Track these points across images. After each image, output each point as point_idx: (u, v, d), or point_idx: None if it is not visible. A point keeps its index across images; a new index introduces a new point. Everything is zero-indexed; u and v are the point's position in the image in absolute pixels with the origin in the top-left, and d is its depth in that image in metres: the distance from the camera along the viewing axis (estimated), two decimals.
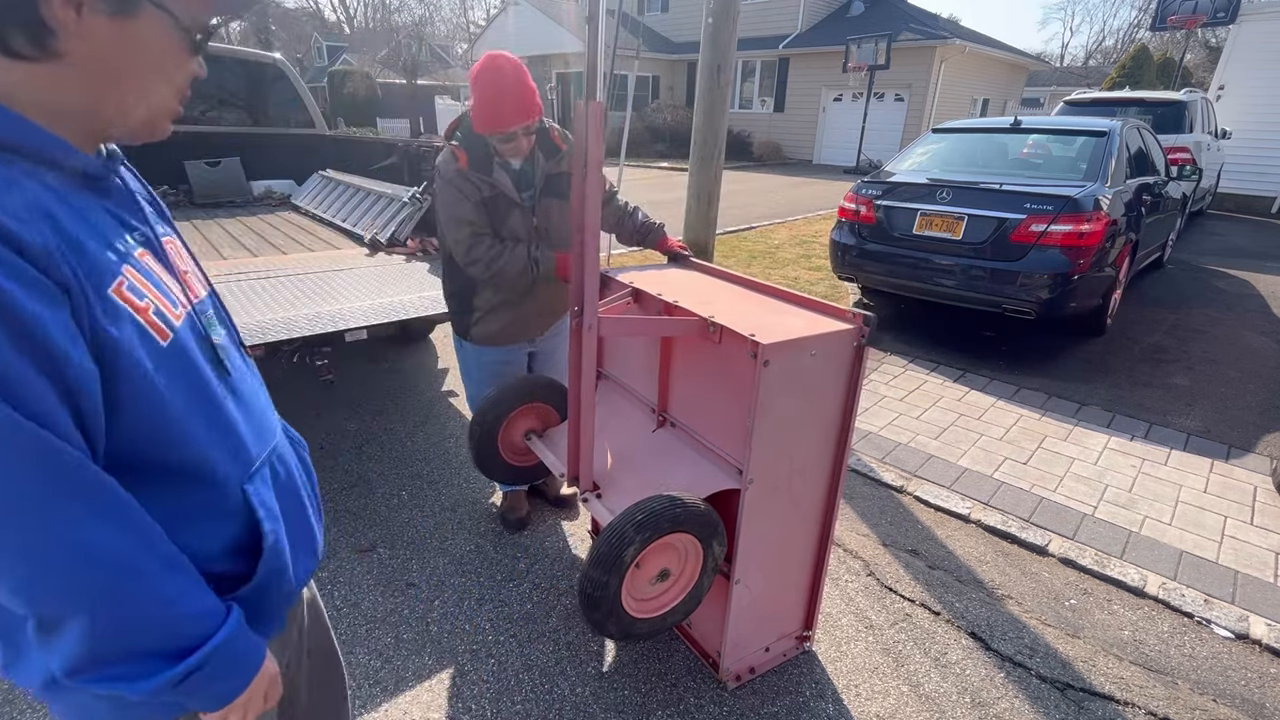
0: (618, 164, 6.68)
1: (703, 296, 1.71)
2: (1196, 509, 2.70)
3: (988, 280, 4.03)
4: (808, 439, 1.59)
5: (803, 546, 1.77)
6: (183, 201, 4.76)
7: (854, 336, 1.50)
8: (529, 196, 2.05)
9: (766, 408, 1.45)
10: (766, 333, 1.42)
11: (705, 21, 4.44)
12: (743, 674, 1.81)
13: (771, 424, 1.49)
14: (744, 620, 1.74)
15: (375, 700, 1.76)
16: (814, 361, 1.47)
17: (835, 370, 1.53)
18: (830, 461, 1.67)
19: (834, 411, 1.60)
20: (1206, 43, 21.46)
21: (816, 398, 1.55)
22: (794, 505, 1.67)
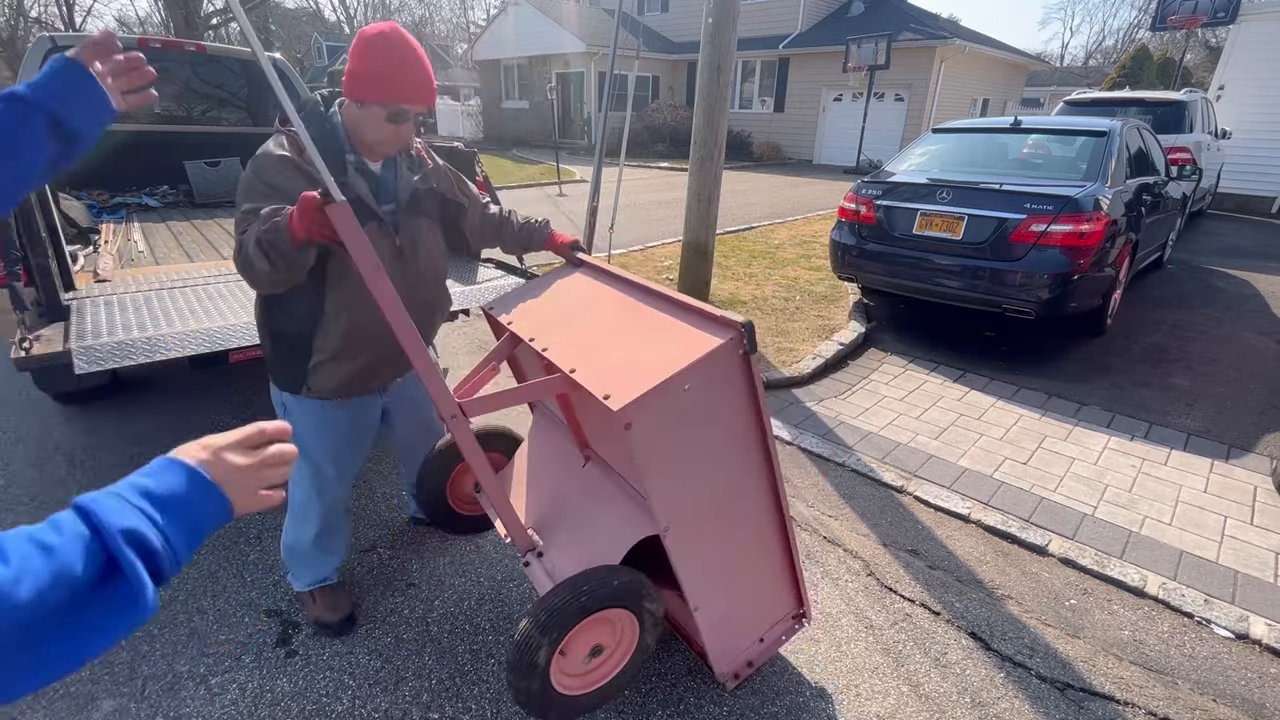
0: (618, 164, 6.69)
1: (578, 328, 1.54)
2: (1196, 509, 2.70)
3: (988, 280, 4.03)
4: (722, 461, 1.46)
5: (761, 547, 1.67)
6: (183, 201, 4.76)
7: (733, 350, 1.31)
8: (390, 211, 1.65)
9: (650, 462, 1.32)
10: (628, 380, 1.27)
11: (705, 21, 4.44)
12: (741, 671, 1.80)
13: (666, 470, 1.37)
14: (721, 632, 1.70)
15: (375, 700, 1.76)
16: (692, 394, 1.31)
17: (722, 390, 1.37)
18: (758, 466, 1.53)
19: (741, 424, 1.45)
20: (1206, 43, 21.48)
21: (711, 423, 1.40)
22: (733, 522, 1.56)
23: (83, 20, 24.58)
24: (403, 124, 1.53)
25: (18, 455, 2.87)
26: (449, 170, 1.86)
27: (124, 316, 2.35)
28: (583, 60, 19.45)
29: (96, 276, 2.79)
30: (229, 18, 18.19)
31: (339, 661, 1.87)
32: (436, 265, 1.80)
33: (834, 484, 2.85)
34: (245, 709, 1.72)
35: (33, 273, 2.23)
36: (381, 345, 1.69)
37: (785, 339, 4.39)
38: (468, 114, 24.94)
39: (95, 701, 1.72)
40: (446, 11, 44.56)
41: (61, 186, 4.09)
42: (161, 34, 19.75)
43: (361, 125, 1.54)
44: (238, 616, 2.02)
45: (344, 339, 1.64)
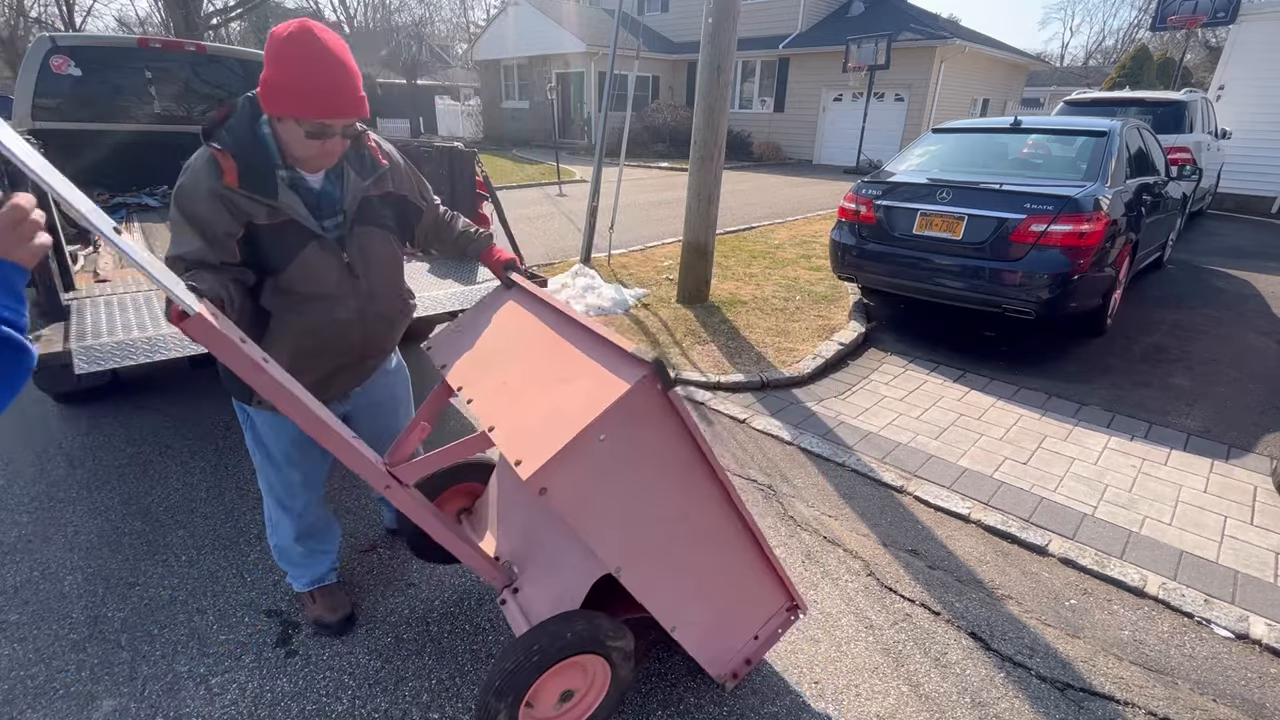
0: (618, 164, 6.68)
1: (503, 371, 1.47)
2: (1196, 509, 2.70)
3: (988, 280, 4.03)
4: (662, 495, 1.38)
5: (730, 558, 1.60)
6: None
7: (647, 390, 1.21)
8: (335, 226, 1.54)
9: (579, 517, 1.26)
10: (539, 440, 1.21)
11: (705, 21, 4.44)
12: (739, 670, 1.79)
13: (600, 520, 1.30)
14: (709, 641, 1.67)
15: (375, 700, 1.76)
16: (610, 442, 1.22)
17: (644, 430, 1.26)
18: (705, 490, 1.43)
19: (674, 457, 1.34)
20: (1206, 43, 21.48)
21: (640, 463, 1.30)
22: (693, 544, 1.49)
23: (83, 20, 24.59)
24: (327, 139, 1.39)
25: (18, 455, 2.87)
26: (409, 171, 1.75)
27: (124, 316, 2.35)
28: (583, 60, 19.45)
29: (96, 276, 2.79)
30: (229, 18, 18.18)
31: (339, 661, 1.87)
32: (393, 277, 1.72)
33: (834, 484, 2.85)
34: (245, 709, 1.72)
35: (33, 273, 2.23)
36: (330, 361, 1.65)
37: (785, 339, 4.39)
38: (468, 114, 24.95)
39: (95, 701, 1.72)
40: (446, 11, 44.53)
41: None
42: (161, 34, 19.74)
43: (286, 141, 1.41)
44: (238, 616, 2.02)
45: (290, 357, 1.55)
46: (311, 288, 1.54)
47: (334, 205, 1.54)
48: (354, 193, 1.55)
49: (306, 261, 1.50)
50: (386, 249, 1.67)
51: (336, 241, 1.54)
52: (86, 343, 2.09)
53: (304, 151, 1.42)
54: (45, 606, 2.03)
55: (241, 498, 2.61)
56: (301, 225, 1.46)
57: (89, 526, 2.42)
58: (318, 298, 1.55)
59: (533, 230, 8.00)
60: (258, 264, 1.47)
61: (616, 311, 4.88)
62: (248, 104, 1.44)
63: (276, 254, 1.47)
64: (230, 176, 1.37)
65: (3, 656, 1.84)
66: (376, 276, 1.65)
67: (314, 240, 1.49)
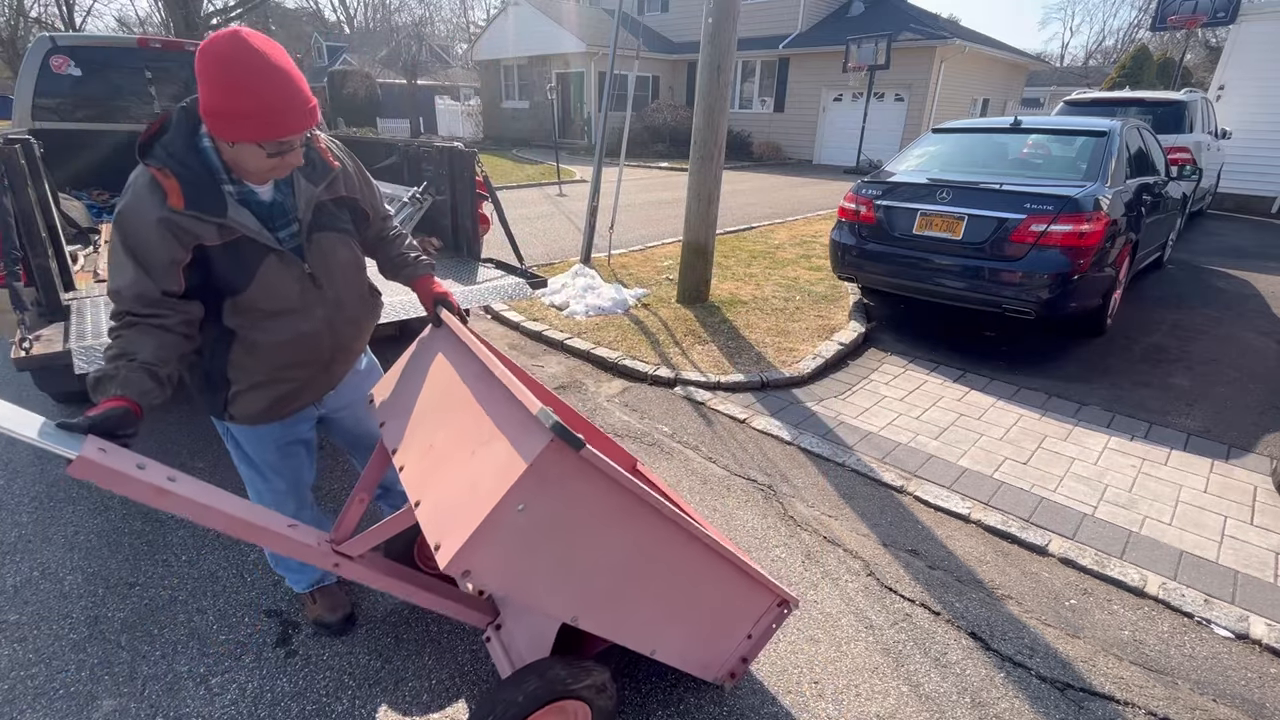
0: (618, 164, 6.68)
1: (432, 433, 1.39)
2: (1196, 509, 2.70)
3: (988, 280, 4.03)
4: (606, 541, 1.29)
5: (701, 574, 1.50)
6: None
7: (555, 455, 1.11)
8: (290, 236, 1.48)
9: (513, 588, 1.20)
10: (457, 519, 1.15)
11: (705, 21, 4.44)
12: (737, 669, 1.76)
13: (537, 583, 1.23)
14: (694, 652, 1.63)
15: (375, 700, 1.76)
16: (530, 511, 1.14)
17: (566, 488, 1.17)
18: (652, 524, 1.34)
19: (607, 504, 1.25)
20: (1206, 43, 21.48)
21: (572, 521, 1.21)
22: (654, 573, 1.41)
23: (83, 20, 24.60)
24: (288, 154, 1.34)
25: (18, 455, 2.87)
26: (359, 173, 1.67)
27: None
28: (583, 60, 19.45)
29: (96, 276, 2.80)
30: (229, 17, 18.19)
31: (339, 661, 1.87)
32: (357, 280, 1.66)
33: (834, 484, 2.85)
34: (245, 709, 1.72)
35: (33, 273, 2.23)
36: (301, 372, 1.59)
37: (785, 339, 4.39)
38: (468, 114, 24.96)
39: (95, 701, 1.72)
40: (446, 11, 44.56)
41: (61, 186, 4.09)
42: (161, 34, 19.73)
43: (238, 160, 1.33)
44: (238, 616, 2.02)
45: (257, 372, 1.53)
46: (275, 304, 1.46)
47: (286, 215, 1.47)
48: (306, 199, 1.48)
49: (266, 277, 1.42)
50: (348, 253, 1.61)
51: (295, 252, 1.47)
52: (86, 343, 2.09)
53: (260, 166, 1.34)
54: (45, 606, 2.03)
55: (241, 498, 2.60)
56: (255, 241, 1.38)
57: (89, 526, 2.42)
58: (283, 313, 1.49)
59: (533, 230, 8.01)
60: (214, 286, 1.39)
61: (616, 311, 4.88)
62: (183, 115, 1.33)
63: (234, 274, 1.39)
64: (174, 198, 1.28)
65: (3, 656, 1.84)
66: (340, 283, 1.59)
67: (271, 254, 1.42)
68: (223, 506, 1.28)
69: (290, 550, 1.40)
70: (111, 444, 1.14)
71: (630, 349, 4.20)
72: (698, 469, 2.94)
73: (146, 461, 1.19)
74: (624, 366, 3.95)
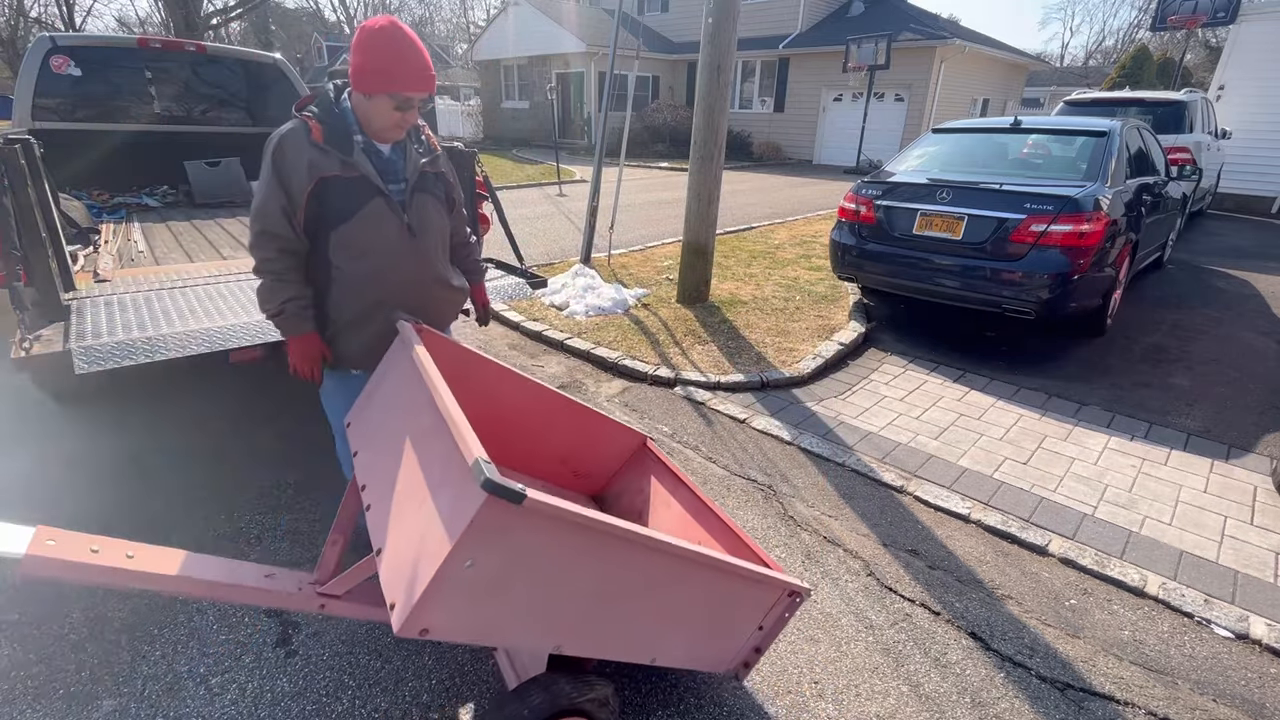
0: (618, 164, 6.68)
1: (393, 466, 1.38)
2: (1196, 509, 2.70)
3: (988, 280, 4.03)
4: (578, 573, 1.24)
5: (688, 589, 1.44)
6: (183, 201, 4.77)
7: (495, 511, 1.06)
8: (398, 191, 1.78)
9: (481, 635, 1.18)
10: (410, 576, 1.12)
11: (705, 21, 4.44)
12: (750, 659, 1.72)
13: (508, 626, 1.19)
14: (700, 654, 1.60)
15: (375, 700, 1.76)
16: (481, 564, 1.10)
17: (515, 538, 1.12)
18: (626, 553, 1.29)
19: (569, 545, 1.19)
20: (1206, 43, 21.48)
21: (531, 560, 1.16)
22: (635, 595, 1.36)
23: (83, 20, 24.58)
24: (408, 110, 1.67)
25: (18, 455, 2.87)
26: (450, 169, 1.96)
27: (124, 316, 2.35)
28: (583, 60, 19.45)
29: (96, 276, 2.79)
30: (229, 18, 18.18)
31: (339, 661, 1.87)
32: (443, 243, 1.93)
33: (834, 484, 2.85)
34: (245, 709, 1.72)
35: (33, 273, 2.23)
36: (424, 290, 1.87)
37: (785, 339, 4.39)
38: (468, 114, 24.93)
39: (95, 701, 1.72)
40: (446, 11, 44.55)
41: (62, 186, 4.09)
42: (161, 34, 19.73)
43: (369, 114, 1.68)
44: (238, 616, 2.02)
45: (351, 309, 1.77)
46: (374, 242, 1.74)
47: (397, 173, 1.78)
48: (414, 165, 1.80)
49: (370, 214, 1.72)
50: (439, 219, 1.88)
51: (401, 204, 1.78)
52: (86, 343, 2.09)
53: (385, 122, 1.68)
54: (45, 606, 2.03)
55: (241, 498, 2.61)
56: (369, 181, 1.70)
57: (89, 526, 2.42)
58: (379, 252, 1.76)
59: (533, 230, 8.00)
60: (326, 217, 1.69)
61: (616, 311, 4.88)
62: (329, 91, 1.74)
63: (345, 204, 1.68)
64: (316, 134, 1.65)
65: (3, 656, 1.84)
66: (430, 241, 1.85)
67: (379, 196, 1.72)
68: (190, 573, 1.26)
69: (271, 601, 1.40)
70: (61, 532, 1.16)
71: (630, 349, 4.20)
72: (698, 469, 2.94)
73: (98, 546, 1.17)
74: (624, 366, 3.95)
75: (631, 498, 2.16)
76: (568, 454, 2.13)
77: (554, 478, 2.18)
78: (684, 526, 1.92)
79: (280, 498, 2.62)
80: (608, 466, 2.21)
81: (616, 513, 2.18)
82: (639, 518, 2.08)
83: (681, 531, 1.91)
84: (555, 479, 2.18)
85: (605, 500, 2.25)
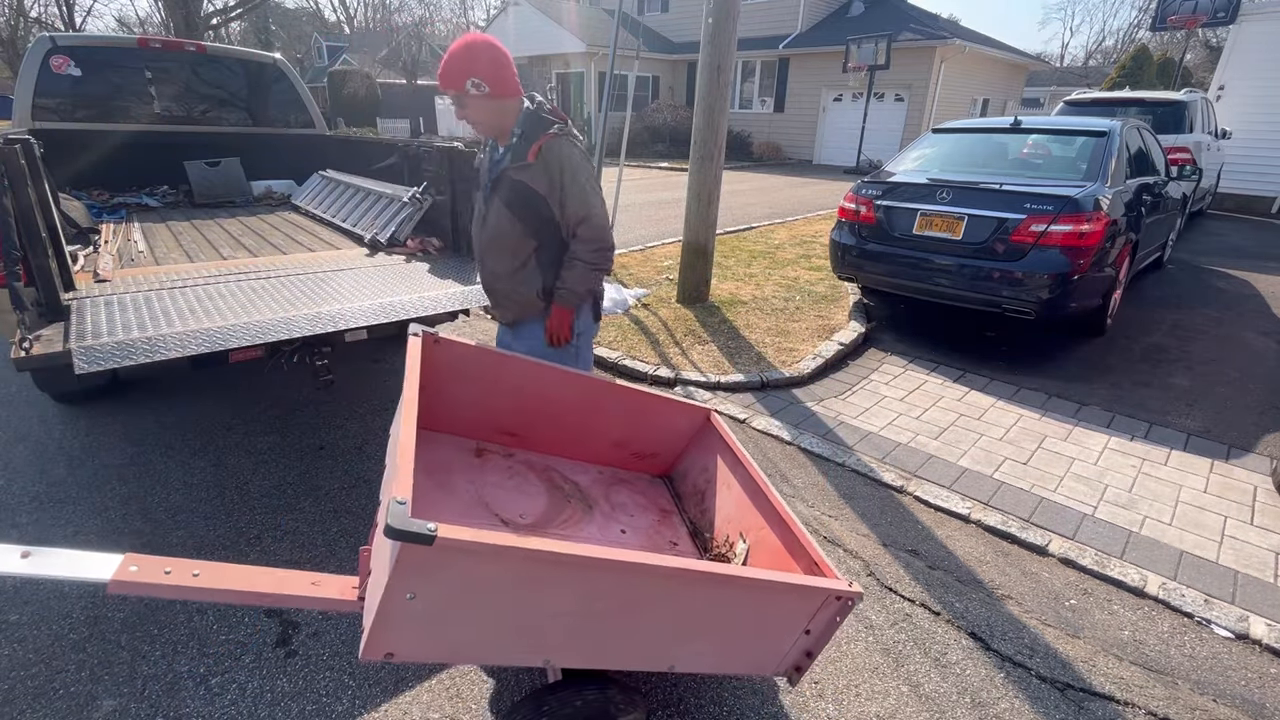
0: (618, 164, 6.68)
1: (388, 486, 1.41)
2: (1196, 509, 2.70)
3: (987, 280, 4.03)
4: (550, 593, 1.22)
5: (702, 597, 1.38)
6: (183, 201, 4.76)
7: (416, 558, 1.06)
8: (489, 185, 2.07)
9: (456, 654, 1.22)
10: (368, 608, 1.16)
11: (705, 21, 4.44)
12: (801, 663, 1.61)
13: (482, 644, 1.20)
14: (734, 659, 1.53)
15: (375, 700, 1.76)
16: (424, 596, 1.12)
17: (453, 570, 1.12)
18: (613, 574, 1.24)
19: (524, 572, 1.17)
20: (1206, 43, 21.49)
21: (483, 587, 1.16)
22: (636, 609, 1.32)
23: (83, 20, 24.59)
24: (460, 108, 1.95)
25: (18, 455, 2.87)
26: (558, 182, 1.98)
27: (124, 316, 2.35)
28: (583, 60, 19.45)
29: (96, 276, 2.79)
30: (229, 18, 18.18)
31: (339, 661, 1.87)
32: (498, 245, 2.11)
33: (834, 484, 2.85)
34: (245, 709, 1.72)
35: (33, 273, 2.23)
36: (483, 272, 2.20)
37: (785, 339, 4.39)
38: None
39: (95, 701, 1.72)
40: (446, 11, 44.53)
41: (62, 186, 4.09)
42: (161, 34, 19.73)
43: None
44: (238, 616, 2.02)
45: None
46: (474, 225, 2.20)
47: (495, 171, 2.06)
48: (496, 167, 2.05)
49: (474, 196, 2.20)
50: (501, 223, 2.05)
51: (483, 198, 2.11)
52: (86, 343, 2.09)
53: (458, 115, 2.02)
54: (45, 606, 2.03)
55: (241, 498, 2.61)
56: (478, 173, 2.18)
57: (89, 526, 2.42)
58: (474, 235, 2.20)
59: None
60: None
61: (616, 311, 4.88)
62: None
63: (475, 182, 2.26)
64: None
65: (3, 656, 1.84)
66: (487, 237, 2.10)
67: (479, 189, 2.15)
68: (245, 585, 1.37)
69: (318, 605, 1.47)
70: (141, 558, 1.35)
71: (630, 349, 4.20)
72: None
73: (171, 563, 1.34)
74: (624, 366, 3.95)
75: (695, 477, 2.16)
76: (623, 437, 2.14)
77: (615, 462, 2.20)
78: (740, 512, 1.90)
79: (280, 498, 2.62)
80: (673, 445, 2.22)
81: (683, 493, 2.19)
82: (701, 498, 2.09)
83: (737, 517, 1.91)
84: (616, 463, 2.21)
85: (674, 480, 2.25)
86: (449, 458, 1.95)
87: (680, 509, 2.15)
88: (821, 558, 1.58)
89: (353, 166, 4.54)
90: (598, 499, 2.05)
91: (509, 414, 2.03)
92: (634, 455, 2.21)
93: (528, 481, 2.01)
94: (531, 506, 1.91)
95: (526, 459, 2.09)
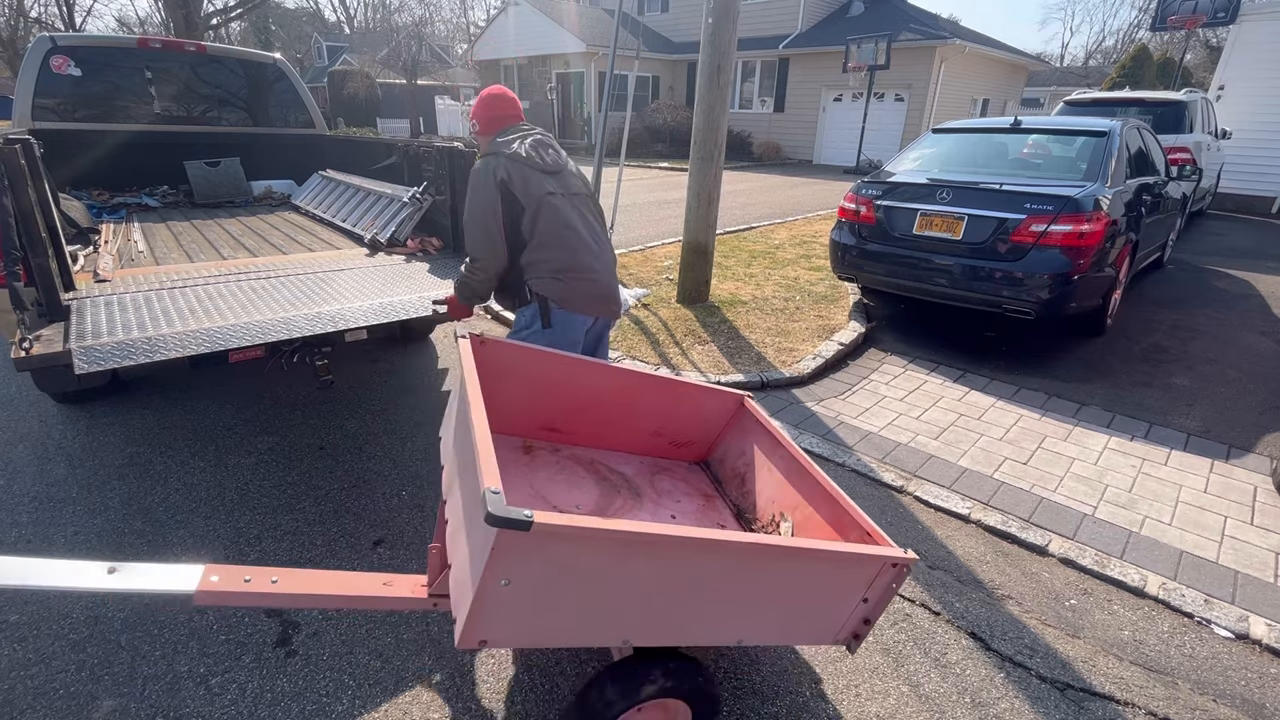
0: (618, 164, 6.68)
1: (455, 484, 1.48)
2: (1196, 509, 2.70)
3: (988, 280, 4.03)
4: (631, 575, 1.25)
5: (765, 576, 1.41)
6: (183, 201, 4.77)
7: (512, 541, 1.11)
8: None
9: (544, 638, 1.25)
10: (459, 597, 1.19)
11: (705, 21, 4.44)
12: (860, 631, 1.63)
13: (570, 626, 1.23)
14: (796, 630, 1.55)
15: (375, 700, 1.76)
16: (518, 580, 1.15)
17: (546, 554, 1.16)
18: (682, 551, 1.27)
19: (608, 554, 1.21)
20: (1206, 43, 21.49)
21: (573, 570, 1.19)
22: (704, 585, 1.35)
23: (83, 20, 24.58)
24: None
25: (18, 455, 2.87)
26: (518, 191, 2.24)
27: (124, 316, 2.35)
28: (583, 60, 19.45)
29: (96, 276, 2.79)
30: (229, 18, 18.18)
31: (339, 661, 1.87)
32: None
33: None
34: (245, 709, 1.72)
35: (33, 273, 2.23)
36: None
37: (785, 339, 4.39)
38: (468, 114, 24.94)
39: (95, 701, 1.72)
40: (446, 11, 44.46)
41: (62, 186, 4.09)
42: (161, 34, 19.73)
43: None
44: (238, 616, 2.02)
45: None
46: None
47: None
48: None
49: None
50: None
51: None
52: (86, 343, 2.09)
53: None
54: (45, 606, 2.03)
55: (241, 498, 2.61)
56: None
57: (89, 526, 2.42)
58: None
59: None
60: None
61: None
62: None
63: None
64: None
65: (3, 656, 1.84)
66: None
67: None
68: (320, 590, 1.43)
69: (392, 605, 1.52)
70: (221, 568, 1.40)
71: (630, 349, 4.20)
72: None
73: (250, 576, 1.39)
74: None
75: (733, 462, 2.18)
76: (660, 426, 2.18)
77: (654, 451, 2.23)
78: (782, 492, 1.92)
79: (280, 498, 2.62)
80: (708, 432, 2.24)
81: (722, 477, 2.22)
82: (741, 481, 2.11)
83: (780, 497, 1.92)
84: (655, 452, 2.24)
85: (711, 466, 2.28)
86: (500, 456, 1.98)
87: (721, 493, 2.19)
88: (874, 527, 1.62)
89: (353, 166, 4.54)
90: (644, 487, 2.09)
91: (551, 410, 2.07)
92: (672, 444, 2.25)
93: (577, 475, 2.04)
94: (585, 498, 1.96)
95: (572, 453, 2.13)
